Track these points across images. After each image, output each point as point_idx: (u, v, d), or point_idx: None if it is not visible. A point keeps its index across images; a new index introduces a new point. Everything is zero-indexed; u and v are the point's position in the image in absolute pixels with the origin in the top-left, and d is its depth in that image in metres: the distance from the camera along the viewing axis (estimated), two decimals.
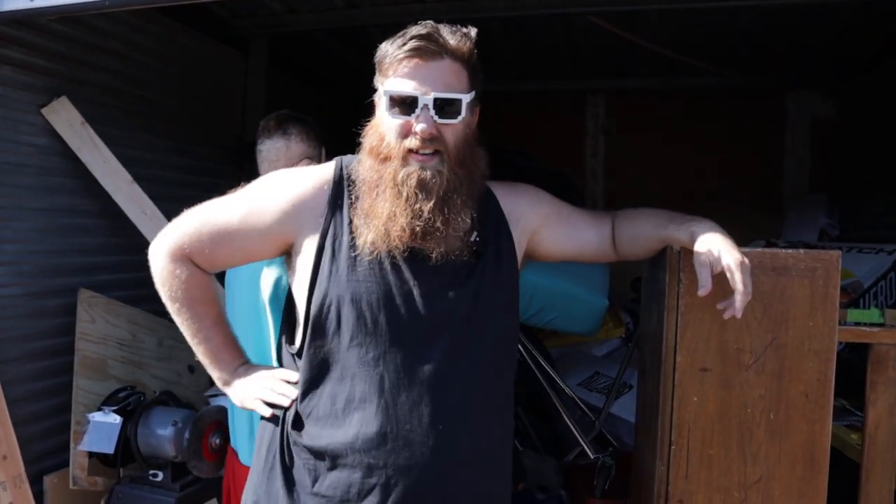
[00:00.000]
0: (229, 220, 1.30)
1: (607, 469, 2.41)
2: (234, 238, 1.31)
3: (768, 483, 1.34)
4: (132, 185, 2.43)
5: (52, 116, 2.28)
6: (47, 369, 2.28)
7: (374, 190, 1.23)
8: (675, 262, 1.34)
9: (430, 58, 1.20)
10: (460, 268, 1.24)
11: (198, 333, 1.36)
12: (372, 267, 1.21)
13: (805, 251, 1.32)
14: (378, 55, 1.26)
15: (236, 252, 1.34)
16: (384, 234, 1.20)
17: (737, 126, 4.36)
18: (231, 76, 3.38)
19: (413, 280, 1.22)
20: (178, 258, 1.32)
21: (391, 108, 1.21)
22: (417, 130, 1.19)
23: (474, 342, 1.24)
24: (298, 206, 1.28)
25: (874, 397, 1.48)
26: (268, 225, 1.29)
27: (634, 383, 2.50)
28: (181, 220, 1.35)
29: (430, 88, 1.19)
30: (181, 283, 1.32)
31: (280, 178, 1.33)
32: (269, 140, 1.82)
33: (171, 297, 1.33)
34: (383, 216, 1.20)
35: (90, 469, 2.27)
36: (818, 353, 1.31)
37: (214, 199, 1.35)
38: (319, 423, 1.24)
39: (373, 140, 1.25)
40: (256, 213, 1.29)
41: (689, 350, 1.34)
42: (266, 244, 1.32)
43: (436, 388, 1.20)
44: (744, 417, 1.33)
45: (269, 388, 1.32)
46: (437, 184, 1.20)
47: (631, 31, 3.22)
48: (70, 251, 2.41)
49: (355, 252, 1.22)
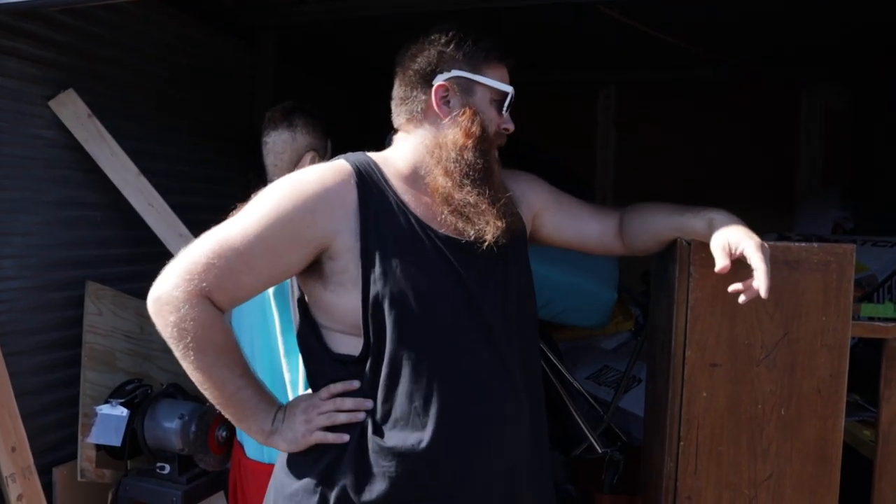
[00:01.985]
0: (250, 238, 1.14)
1: (616, 464, 2.40)
2: (260, 258, 1.15)
3: (779, 480, 1.31)
4: (139, 177, 2.42)
5: (59, 109, 2.28)
6: (55, 362, 2.29)
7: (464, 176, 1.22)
8: (686, 255, 1.31)
9: (507, 63, 1.32)
10: (492, 255, 1.23)
11: (227, 388, 1.19)
12: (423, 259, 1.19)
13: (818, 244, 1.30)
14: (467, 45, 1.27)
15: (263, 274, 1.18)
16: (430, 218, 1.21)
17: (750, 118, 4.31)
18: (239, 68, 3.37)
19: (463, 270, 1.21)
20: (196, 301, 1.13)
21: (493, 102, 1.28)
22: (509, 128, 1.30)
23: (516, 326, 1.26)
24: (329, 202, 1.18)
25: (888, 393, 1.45)
26: (299, 231, 1.16)
27: (644, 377, 2.47)
28: (188, 255, 1.17)
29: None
30: (206, 330, 1.13)
31: (297, 177, 1.22)
32: (275, 132, 1.81)
33: (195, 350, 1.14)
34: (436, 197, 1.21)
35: (98, 461, 2.28)
36: (831, 348, 1.29)
37: (222, 223, 1.20)
38: (399, 425, 1.18)
39: (473, 127, 1.25)
40: (283, 222, 1.15)
41: (698, 345, 1.31)
42: (298, 255, 1.18)
43: (503, 374, 1.22)
44: (754, 413, 1.31)
45: (331, 410, 1.20)
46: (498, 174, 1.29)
47: (643, 21, 3.17)
48: (78, 244, 2.41)
49: (406, 242, 1.19)
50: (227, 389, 1.19)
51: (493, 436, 1.20)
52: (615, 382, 2.95)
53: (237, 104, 3.36)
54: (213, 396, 1.20)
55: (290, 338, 1.67)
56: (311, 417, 1.20)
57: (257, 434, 1.23)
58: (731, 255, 1.15)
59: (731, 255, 1.15)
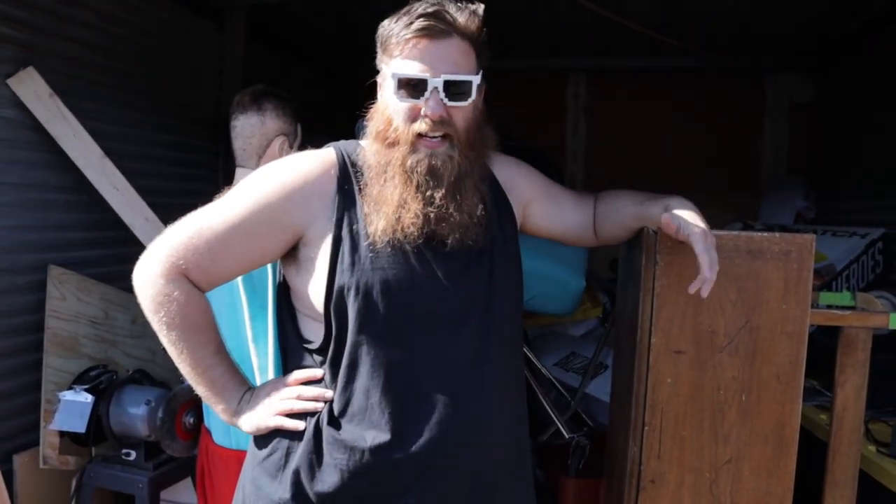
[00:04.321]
0: (230, 221, 1.18)
1: (582, 449, 2.44)
2: (238, 241, 1.19)
3: (738, 463, 1.35)
4: (103, 159, 2.37)
5: (18, 87, 2.22)
6: (16, 347, 2.24)
7: (382, 176, 1.18)
8: (652, 244, 1.34)
9: (439, 37, 1.16)
10: (473, 247, 1.21)
11: (199, 364, 1.21)
12: (394, 254, 1.16)
13: (780, 234, 1.33)
14: (381, 34, 1.20)
15: (241, 258, 1.22)
16: (395, 221, 1.15)
17: (716, 107, 4.37)
18: (207, 49, 3.31)
19: (435, 265, 1.18)
20: (174, 277, 1.17)
21: (398, 91, 1.16)
22: (427, 114, 1.15)
23: (497, 322, 1.22)
24: (307, 191, 1.19)
25: (843, 379, 1.49)
26: (276, 218, 1.18)
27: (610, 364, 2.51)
28: (170, 234, 1.20)
29: (439, 70, 1.15)
30: (179, 307, 1.17)
31: (281, 165, 1.24)
32: (244, 115, 1.79)
33: (168, 325, 1.18)
34: (393, 203, 1.15)
35: (61, 448, 2.25)
36: (790, 335, 1.32)
37: (205, 206, 1.22)
38: (355, 420, 1.17)
39: (379, 124, 1.20)
40: (262, 208, 1.18)
41: (663, 332, 1.34)
42: (275, 241, 1.21)
43: (471, 373, 1.18)
44: (716, 399, 1.34)
45: (292, 397, 1.21)
46: (449, 169, 1.17)
47: (613, 10, 3.19)
48: (40, 227, 2.35)
49: (370, 240, 1.16)
50: (199, 366, 1.21)
51: (453, 438, 1.17)
52: (582, 369, 3.00)
53: (205, 86, 3.30)
54: (184, 371, 1.22)
55: (258, 324, 1.66)
56: (273, 402, 1.22)
57: (223, 413, 1.25)
58: (676, 235, 1.18)
59: (676, 235, 1.18)
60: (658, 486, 1.37)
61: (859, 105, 3.48)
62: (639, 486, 1.38)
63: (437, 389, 1.16)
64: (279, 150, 1.79)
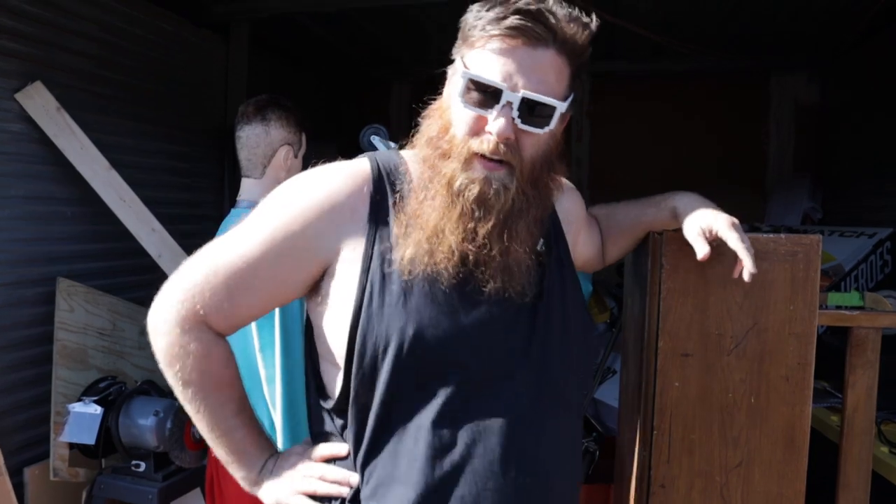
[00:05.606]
0: (249, 257, 1.01)
1: (591, 454, 2.42)
2: (260, 280, 1.02)
3: (749, 466, 1.34)
4: (110, 171, 2.39)
5: (26, 102, 2.24)
6: (26, 359, 2.26)
7: (424, 191, 0.99)
8: (657, 247, 1.33)
9: (533, 43, 0.94)
10: (522, 295, 1.02)
11: (218, 426, 1.06)
12: (430, 291, 0.96)
13: (786, 235, 1.32)
14: (467, 20, 0.99)
15: (265, 297, 1.05)
16: (427, 252, 0.96)
17: (721, 109, 4.37)
18: (212, 60, 3.33)
19: (477, 310, 0.99)
20: (191, 325, 1.02)
21: (466, 94, 0.95)
22: (493, 130, 0.94)
23: (554, 382, 1.05)
24: (336, 216, 1.01)
25: (853, 380, 1.48)
26: (302, 250, 1.01)
27: (619, 368, 2.50)
28: (184, 273, 1.04)
29: (521, 83, 0.94)
30: (197, 360, 1.02)
31: (304, 185, 1.04)
32: (248, 126, 1.80)
33: (185, 381, 1.03)
34: (428, 228, 0.96)
35: (71, 460, 2.26)
36: (799, 336, 1.31)
37: (220, 238, 1.06)
38: (382, 488, 1.00)
39: (434, 128, 1.00)
40: (284, 238, 1.00)
41: (670, 335, 1.33)
42: (302, 276, 1.03)
43: (520, 439, 1.00)
44: (725, 402, 1.33)
45: (314, 476, 1.06)
46: (501, 202, 0.96)
47: (614, 13, 3.20)
48: (48, 239, 2.37)
49: (399, 268, 0.97)
50: (218, 428, 1.07)
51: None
52: None
53: (210, 97, 3.32)
54: (202, 431, 1.09)
55: (265, 333, 1.66)
56: (295, 478, 1.07)
57: (243, 481, 1.11)
58: (709, 239, 1.12)
59: (709, 239, 1.12)
60: (668, 491, 1.36)
61: (864, 104, 3.46)
62: (649, 491, 1.37)
63: (481, 462, 0.98)
64: (284, 160, 1.80)
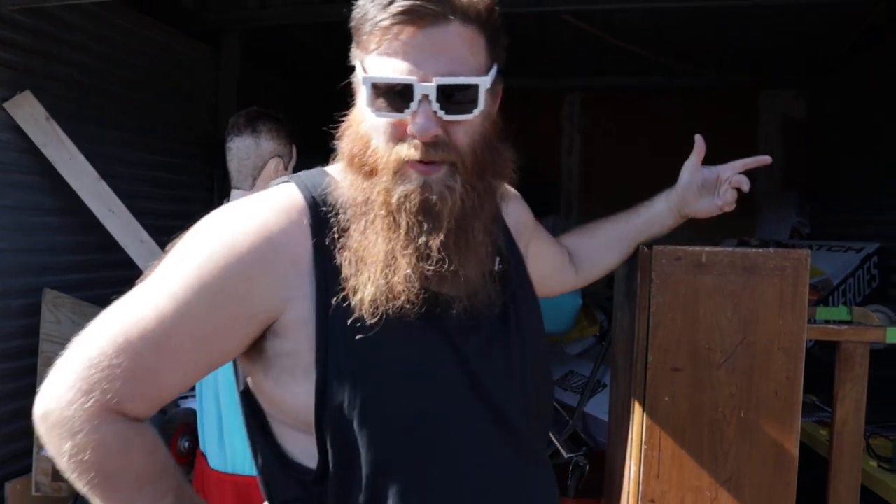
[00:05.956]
0: (169, 322, 0.79)
1: (580, 469, 2.41)
2: (185, 349, 0.81)
3: (739, 481, 1.34)
4: (99, 182, 2.38)
5: (15, 111, 2.23)
6: (10, 371, 2.23)
7: (362, 219, 0.84)
8: (647, 261, 1.33)
9: (430, 23, 0.80)
10: (491, 308, 0.90)
11: None
12: (399, 332, 0.83)
13: (774, 250, 1.33)
14: (355, 17, 0.86)
15: (191, 368, 0.83)
16: (385, 288, 0.81)
17: (710, 124, 4.38)
18: (202, 71, 3.33)
19: (455, 340, 0.87)
20: (104, 420, 0.78)
21: (375, 101, 0.82)
22: (415, 132, 0.81)
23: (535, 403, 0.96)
24: (275, 260, 0.83)
25: (842, 394, 1.49)
26: (235, 306, 0.82)
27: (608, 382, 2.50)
28: (85, 350, 0.79)
29: (431, 70, 0.80)
30: (116, 459, 0.79)
31: (231, 224, 0.84)
32: (239, 138, 1.80)
33: (106, 489, 0.80)
34: (378, 259, 0.82)
35: (54, 474, 2.22)
36: (788, 351, 1.32)
37: (130, 297, 0.83)
38: None
39: (352, 144, 0.86)
40: (212, 295, 0.80)
41: (660, 350, 1.33)
42: (237, 339, 0.84)
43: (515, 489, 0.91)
44: (715, 416, 1.33)
45: None
46: (449, 206, 0.83)
47: (606, 30, 3.22)
48: (35, 250, 2.35)
49: (358, 315, 0.82)
50: None
51: None
52: (580, 387, 2.98)
53: (201, 107, 3.32)
54: None
55: None
56: None
57: None
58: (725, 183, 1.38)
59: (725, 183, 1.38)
60: None
61: (851, 120, 3.50)
62: None
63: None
64: (274, 172, 1.80)
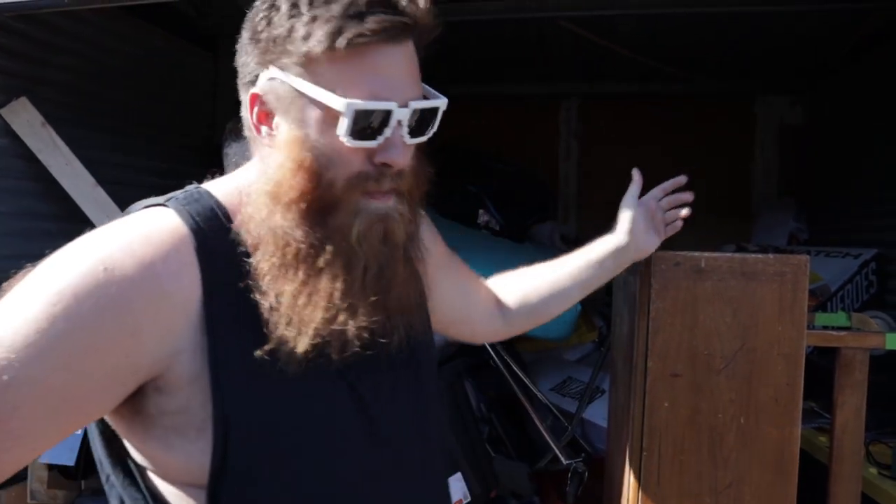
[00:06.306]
0: (23, 386, 0.62)
1: (579, 475, 2.40)
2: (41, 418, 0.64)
3: (739, 487, 1.33)
4: (95, 188, 2.37)
5: (11, 117, 2.22)
6: None
7: (304, 263, 0.73)
8: (647, 267, 1.33)
9: (397, 38, 0.73)
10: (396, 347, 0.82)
11: None
12: (316, 386, 0.76)
13: (774, 256, 1.33)
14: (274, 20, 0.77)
15: (48, 437, 0.66)
16: (336, 335, 0.73)
17: (707, 131, 4.41)
18: (200, 76, 3.33)
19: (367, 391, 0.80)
20: None
21: (352, 129, 0.72)
22: (392, 161, 0.74)
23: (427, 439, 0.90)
24: (158, 306, 0.70)
25: (842, 400, 1.48)
26: (111, 368, 0.67)
27: (607, 388, 2.49)
28: None
29: (407, 94, 0.74)
30: None
31: (99, 261, 0.71)
32: (236, 143, 1.79)
33: None
34: (334, 305, 0.73)
35: (50, 482, 2.21)
36: (787, 357, 1.31)
37: None
38: None
39: (294, 180, 0.73)
40: (82, 354, 0.65)
41: (659, 355, 1.33)
42: (109, 401, 0.70)
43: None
44: (714, 422, 1.33)
45: None
46: (402, 234, 0.78)
47: (603, 36, 3.23)
48: (31, 256, 2.33)
49: (279, 367, 0.72)
50: None
51: None
52: (579, 394, 2.97)
53: (198, 113, 3.32)
54: None
55: None
56: None
57: None
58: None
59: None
60: None
61: (848, 126, 3.51)
62: None
63: None
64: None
